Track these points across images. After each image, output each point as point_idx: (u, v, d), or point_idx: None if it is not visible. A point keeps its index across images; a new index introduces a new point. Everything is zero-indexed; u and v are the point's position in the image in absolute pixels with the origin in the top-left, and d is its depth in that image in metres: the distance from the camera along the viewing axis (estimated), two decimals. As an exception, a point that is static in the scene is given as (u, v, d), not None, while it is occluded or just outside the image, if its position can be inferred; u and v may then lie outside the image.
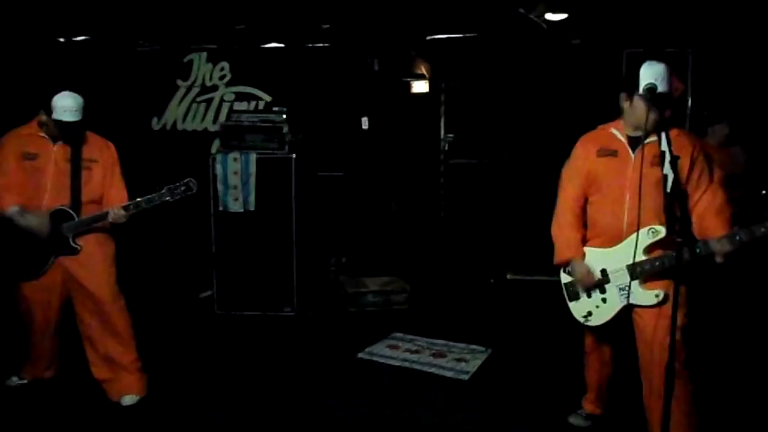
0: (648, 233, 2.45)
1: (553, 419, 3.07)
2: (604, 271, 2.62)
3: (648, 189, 2.44)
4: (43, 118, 3.03)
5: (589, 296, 2.69)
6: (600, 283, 2.63)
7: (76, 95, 3.02)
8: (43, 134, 3.08)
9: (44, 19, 5.30)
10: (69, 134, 3.03)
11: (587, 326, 2.75)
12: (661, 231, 2.43)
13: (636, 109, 2.49)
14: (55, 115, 2.97)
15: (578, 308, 2.74)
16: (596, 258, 2.65)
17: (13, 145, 3.08)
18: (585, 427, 2.99)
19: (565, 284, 2.79)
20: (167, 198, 3.09)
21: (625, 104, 2.56)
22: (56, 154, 3.08)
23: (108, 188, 3.20)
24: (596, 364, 2.92)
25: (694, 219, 2.46)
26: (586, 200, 2.74)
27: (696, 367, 2.54)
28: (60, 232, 3.03)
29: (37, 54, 5.42)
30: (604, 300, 2.64)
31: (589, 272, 2.64)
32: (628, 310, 2.58)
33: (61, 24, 5.60)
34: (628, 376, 2.73)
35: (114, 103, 5.97)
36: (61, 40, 5.87)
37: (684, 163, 2.42)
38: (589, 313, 2.69)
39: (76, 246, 3.06)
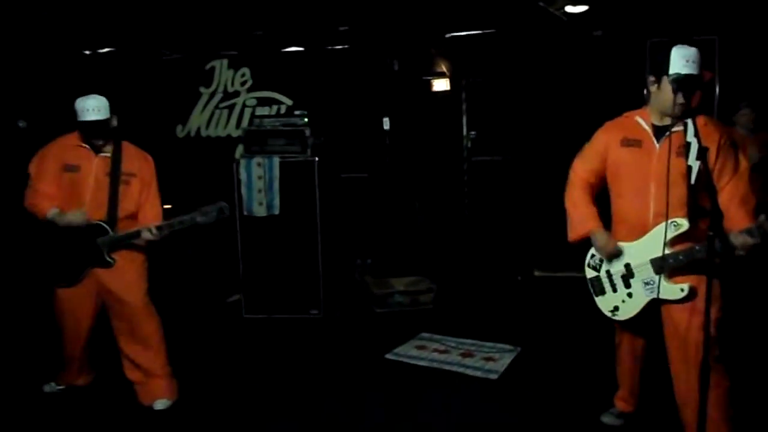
0: (671, 226, 2.39)
1: (585, 418, 3.02)
2: (628, 266, 2.57)
3: (673, 180, 2.38)
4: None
5: (614, 290, 2.64)
6: (620, 259, 2.59)
7: (97, 96, 3.06)
8: (85, 145, 3.13)
9: (70, 32, 5.41)
10: (94, 134, 3.06)
11: (616, 320, 2.71)
12: (684, 224, 2.37)
13: (663, 93, 2.43)
14: (79, 118, 3.02)
15: (605, 303, 2.69)
16: (624, 251, 2.60)
17: (55, 155, 3.13)
18: (618, 426, 2.93)
19: (590, 279, 2.75)
20: (199, 220, 3.08)
21: (653, 88, 2.49)
22: (97, 166, 3.12)
23: (143, 203, 3.23)
24: (628, 359, 2.87)
25: (722, 205, 2.38)
26: (597, 184, 2.70)
27: (731, 362, 2.48)
28: (95, 245, 3.07)
29: (64, 67, 5.53)
30: (629, 295, 2.59)
31: (611, 240, 2.60)
32: (656, 303, 2.53)
33: (86, 37, 5.71)
34: (661, 372, 2.68)
35: (139, 112, 6.07)
36: (87, 52, 5.98)
37: (711, 153, 2.36)
38: (616, 308, 2.65)
39: (110, 260, 3.10)
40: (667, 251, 2.41)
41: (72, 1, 4.77)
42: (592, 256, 2.74)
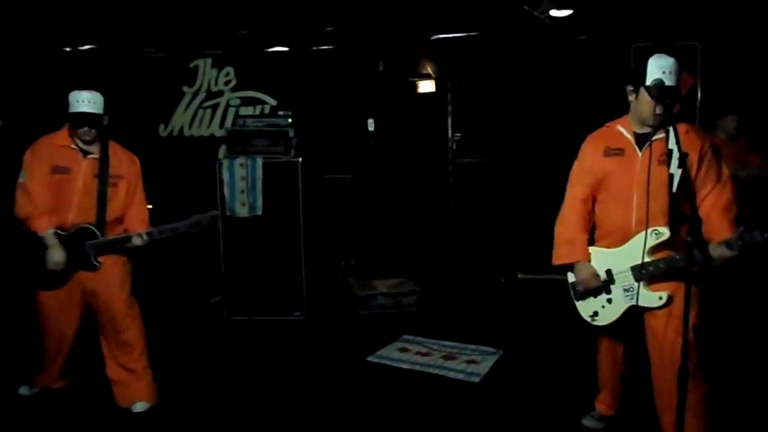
0: (651, 234, 2.41)
1: (565, 421, 3.03)
2: (609, 272, 2.59)
3: (656, 188, 2.39)
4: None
5: (594, 296, 2.65)
6: (601, 287, 2.60)
7: (94, 91, 3.03)
8: (74, 146, 3.07)
9: (50, 29, 5.33)
10: (84, 125, 2.99)
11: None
12: (665, 233, 2.39)
13: (642, 104, 2.44)
14: (71, 108, 2.97)
15: (585, 307, 2.70)
16: (602, 258, 2.61)
17: (46, 157, 3.04)
18: (598, 429, 2.94)
19: (572, 283, 2.75)
20: (192, 229, 3.09)
21: (631, 97, 2.51)
22: (85, 169, 3.06)
23: (129, 205, 3.19)
24: (609, 363, 2.89)
25: (702, 214, 2.41)
26: (594, 202, 2.70)
27: (710, 368, 2.49)
28: (83, 249, 3.02)
29: (43, 65, 5.45)
30: (609, 300, 2.61)
31: (593, 276, 2.60)
32: (636, 309, 2.54)
33: (67, 34, 5.63)
34: (642, 376, 2.69)
35: (121, 110, 5.98)
36: (68, 49, 5.90)
37: (692, 160, 2.38)
38: (596, 313, 2.66)
39: (96, 264, 3.06)
40: (647, 259, 2.43)
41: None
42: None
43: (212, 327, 4.73)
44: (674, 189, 2.29)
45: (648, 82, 2.36)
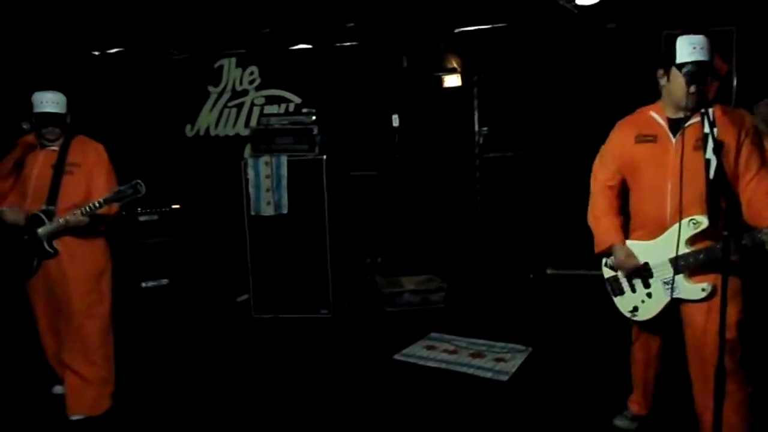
0: (689, 224, 2.30)
1: (597, 422, 2.95)
2: (647, 265, 2.48)
3: (691, 176, 2.28)
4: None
5: (633, 290, 2.56)
6: (642, 271, 2.50)
7: (56, 92, 3.10)
8: (32, 141, 3.15)
9: (78, 33, 5.42)
10: (47, 125, 3.06)
11: (634, 320, 2.62)
12: (703, 222, 2.28)
13: (674, 85, 2.34)
14: (35, 109, 3.06)
15: (624, 303, 2.61)
16: (638, 251, 2.52)
17: (16, 153, 3.17)
18: (631, 429, 2.85)
19: (608, 279, 2.66)
20: (113, 198, 3.01)
21: (663, 81, 2.41)
22: (42, 160, 3.12)
23: (91, 191, 3.16)
24: (643, 360, 2.78)
25: (743, 205, 2.30)
26: (620, 186, 2.61)
27: (753, 366, 2.38)
28: (36, 236, 3.06)
29: (72, 68, 5.54)
30: (649, 295, 2.50)
31: (630, 256, 2.52)
32: (676, 304, 2.44)
33: (95, 37, 5.72)
34: (676, 374, 2.59)
35: (149, 112, 6.10)
36: (96, 53, 5.99)
37: (730, 145, 2.27)
38: (635, 308, 2.56)
39: (50, 250, 3.07)
40: (686, 250, 2.33)
41: (80, 2, 4.77)
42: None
43: (239, 325, 4.76)
44: (711, 176, 2.17)
45: (678, 61, 2.27)
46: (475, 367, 3.70)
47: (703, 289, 2.33)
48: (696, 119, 2.30)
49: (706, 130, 2.22)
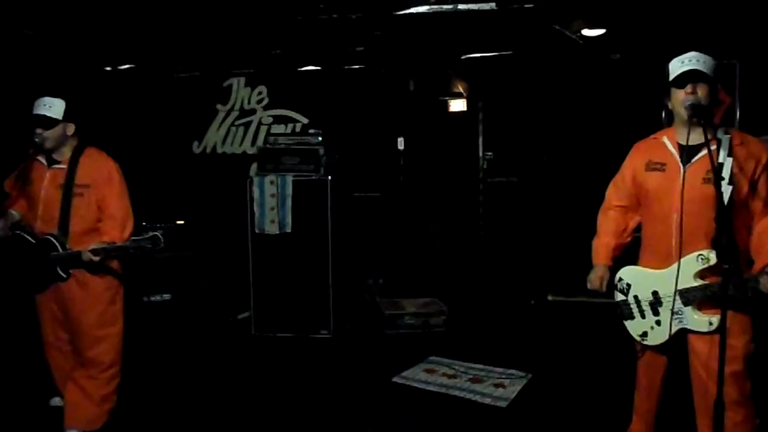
0: (697, 259, 2.30)
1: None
2: (656, 293, 2.48)
3: (697, 209, 2.28)
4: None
5: (643, 317, 2.55)
6: (652, 298, 2.50)
7: (56, 98, 2.99)
8: (40, 158, 3.06)
9: (91, 49, 5.50)
10: (37, 126, 2.93)
11: (642, 346, 2.61)
12: (711, 258, 2.26)
13: (674, 102, 2.36)
14: (33, 111, 2.96)
15: (634, 327, 2.60)
16: (648, 279, 2.51)
17: (25, 172, 3.08)
18: (629, 460, 2.83)
19: (619, 303, 2.64)
20: (131, 250, 2.92)
21: (669, 105, 2.42)
22: (48, 180, 3.04)
23: (105, 214, 3.08)
24: (647, 386, 2.73)
25: (753, 237, 2.30)
26: (633, 207, 2.64)
27: (760, 399, 2.37)
28: (49, 260, 2.99)
29: (84, 83, 5.62)
30: (658, 322, 2.49)
31: (598, 278, 2.64)
32: (683, 332, 2.43)
33: (107, 53, 5.81)
34: (678, 408, 2.58)
35: (157, 128, 6.16)
36: (108, 68, 6.08)
37: (745, 177, 2.26)
38: (645, 333, 2.55)
39: (63, 275, 2.99)
40: (695, 284, 2.32)
41: (93, 18, 4.85)
42: (620, 279, 2.64)
43: (239, 343, 4.75)
44: (720, 211, 2.12)
45: (671, 78, 2.32)
46: (474, 392, 3.69)
47: (711, 323, 2.30)
48: (705, 152, 2.25)
49: (721, 158, 2.21)
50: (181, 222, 5.40)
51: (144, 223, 5.08)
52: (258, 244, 4.89)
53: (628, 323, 2.62)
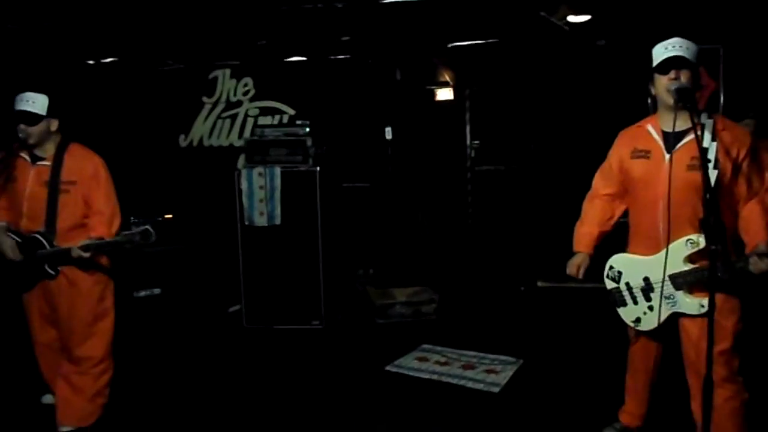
0: (686, 244, 2.33)
1: (587, 432, 2.98)
2: (647, 279, 2.51)
3: (683, 196, 2.31)
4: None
5: (635, 303, 2.57)
6: (644, 284, 2.53)
7: (38, 93, 2.94)
8: (24, 155, 3.01)
9: (73, 42, 5.44)
10: (21, 123, 2.89)
11: (635, 331, 2.64)
12: (700, 242, 2.29)
13: (658, 88, 2.38)
14: (15, 107, 2.91)
15: (627, 314, 2.63)
16: (639, 266, 2.54)
17: (8, 168, 3.01)
18: (621, 441, 2.88)
19: (611, 290, 2.66)
20: (124, 244, 2.88)
21: (653, 91, 2.44)
22: (32, 177, 2.98)
23: (92, 210, 3.03)
24: (641, 370, 2.79)
25: (740, 221, 2.34)
26: (620, 195, 2.66)
27: (749, 375, 2.42)
28: (36, 257, 2.95)
29: (67, 77, 5.55)
30: (650, 308, 2.52)
31: (574, 266, 2.70)
32: (676, 316, 2.46)
33: (90, 47, 5.74)
34: (671, 391, 2.62)
35: (142, 121, 6.11)
36: (91, 62, 6.01)
37: (728, 162, 2.29)
38: (638, 319, 2.58)
39: (51, 272, 2.97)
40: (685, 268, 2.35)
41: (76, 12, 4.79)
42: (611, 267, 2.66)
43: (230, 336, 4.75)
44: (708, 195, 2.18)
45: (655, 64, 2.34)
46: (466, 378, 3.72)
47: (702, 305, 2.33)
48: (691, 136, 2.26)
49: (705, 143, 2.23)
50: (170, 216, 5.37)
51: (132, 218, 5.05)
52: (247, 237, 4.88)
53: (621, 310, 2.65)
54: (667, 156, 2.38)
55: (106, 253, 3.09)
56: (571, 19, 5.04)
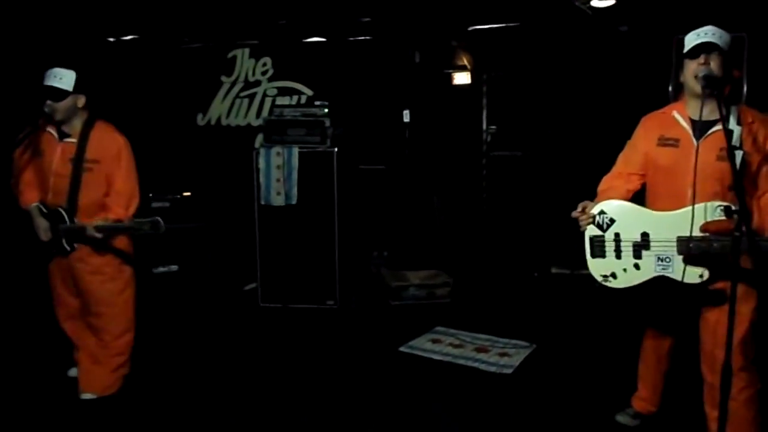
0: (715, 210, 2.22)
1: (599, 417, 3.00)
2: (645, 235, 2.38)
3: (710, 185, 2.29)
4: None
5: (618, 257, 2.43)
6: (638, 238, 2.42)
7: (66, 69, 2.97)
8: (51, 131, 3.07)
9: (94, 20, 5.45)
10: (48, 98, 2.94)
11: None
12: (730, 209, 2.14)
13: (686, 75, 2.36)
14: (43, 82, 2.95)
15: (600, 266, 2.48)
16: (641, 219, 2.41)
17: (34, 141, 3.07)
18: (633, 427, 2.90)
19: (591, 237, 2.52)
20: (132, 230, 2.99)
21: (681, 77, 2.41)
22: (59, 153, 3.05)
23: (110, 189, 3.11)
24: (653, 358, 2.79)
25: (755, 211, 2.32)
26: (641, 177, 2.59)
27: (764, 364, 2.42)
28: (57, 232, 3.04)
29: (87, 54, 5.58)
30: (636, 266, 2.40)
31: (583, 212, 2.50)
32: (658, 281, 2.38)
33: (111, 24, 5.76)
34: (683, 378, 2.64)
35: (161, 100, 6.14)
36: (111, 39, 6.03)
37: (757, 149, 2.28)
38: (613, 275, 2.45)
39: (67, 248, 3.05)
40: (699, 234, 2.24)
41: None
42: (602, 212, 2.50)
43: (246, 314, 4.81)
44: (735, 177, 2.05)
45: (685, 50, 2.33)
46: (479, 361, 3.76)
47: (701, 275, 2.27)
48: (719, 126, 2.22)
49: (731, 128, 2.19)
50: (188, 194, 5.42)
51: (151, 195, 5.11)
52: (264, 216, 4.91)
53: (595, 260, 2.49)
54: (696, 143, 2.35)
55: (118, 236, 3.14)
56: (595, 3, 4.98)
